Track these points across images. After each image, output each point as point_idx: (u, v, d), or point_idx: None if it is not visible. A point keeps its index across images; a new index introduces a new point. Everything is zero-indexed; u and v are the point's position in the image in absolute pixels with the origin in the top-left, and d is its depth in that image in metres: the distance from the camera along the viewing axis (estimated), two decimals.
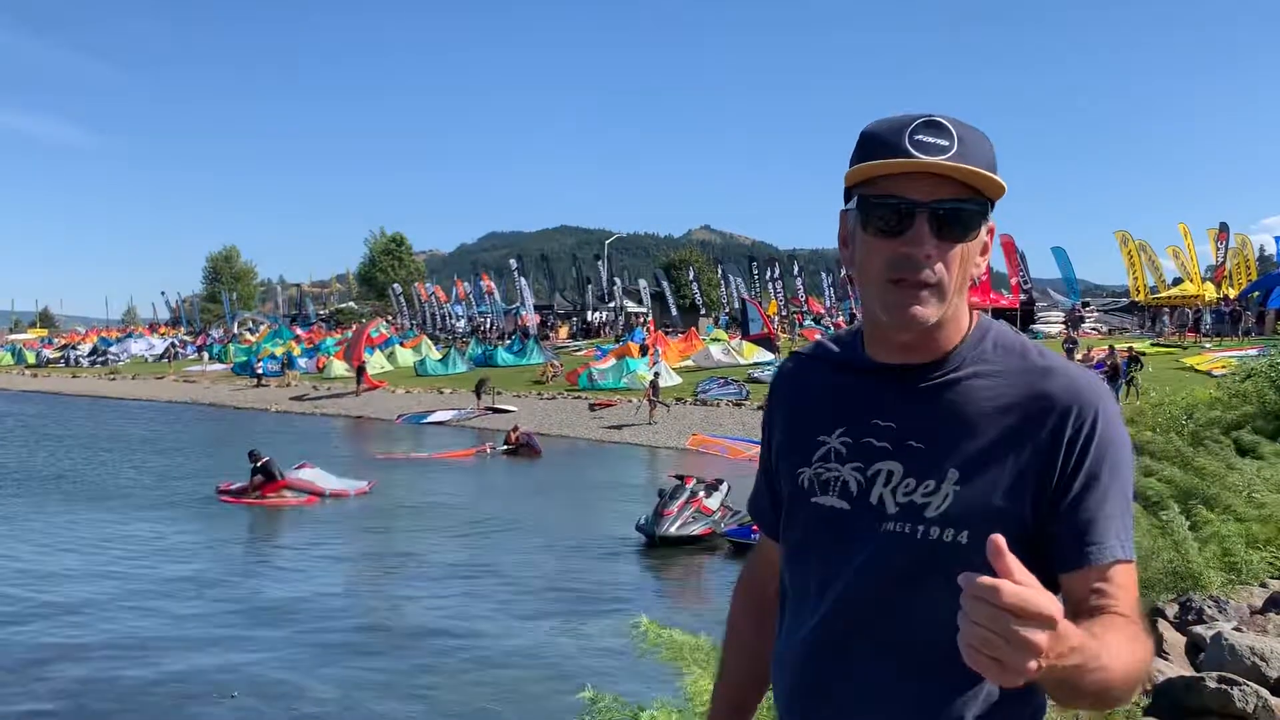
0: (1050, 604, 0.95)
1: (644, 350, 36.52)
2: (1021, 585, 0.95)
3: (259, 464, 17.21)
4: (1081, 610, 1.21)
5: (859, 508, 1.32)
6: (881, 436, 1.32)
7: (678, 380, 32.95)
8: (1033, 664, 0.96)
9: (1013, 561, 0.96)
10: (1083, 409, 1.24)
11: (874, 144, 1.25)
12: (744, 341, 38.05)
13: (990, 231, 1.29)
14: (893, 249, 1.24)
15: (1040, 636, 0.95)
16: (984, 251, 1.30)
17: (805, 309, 51.13)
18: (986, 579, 0.95)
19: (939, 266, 1.23)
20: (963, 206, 1.23)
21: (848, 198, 1.31)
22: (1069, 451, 1.23)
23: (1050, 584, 1.27)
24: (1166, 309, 40.88)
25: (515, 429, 24.93)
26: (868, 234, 1.27)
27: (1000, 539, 0.97)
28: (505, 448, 24.20)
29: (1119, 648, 1.11)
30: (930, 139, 1.21)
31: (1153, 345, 32.59)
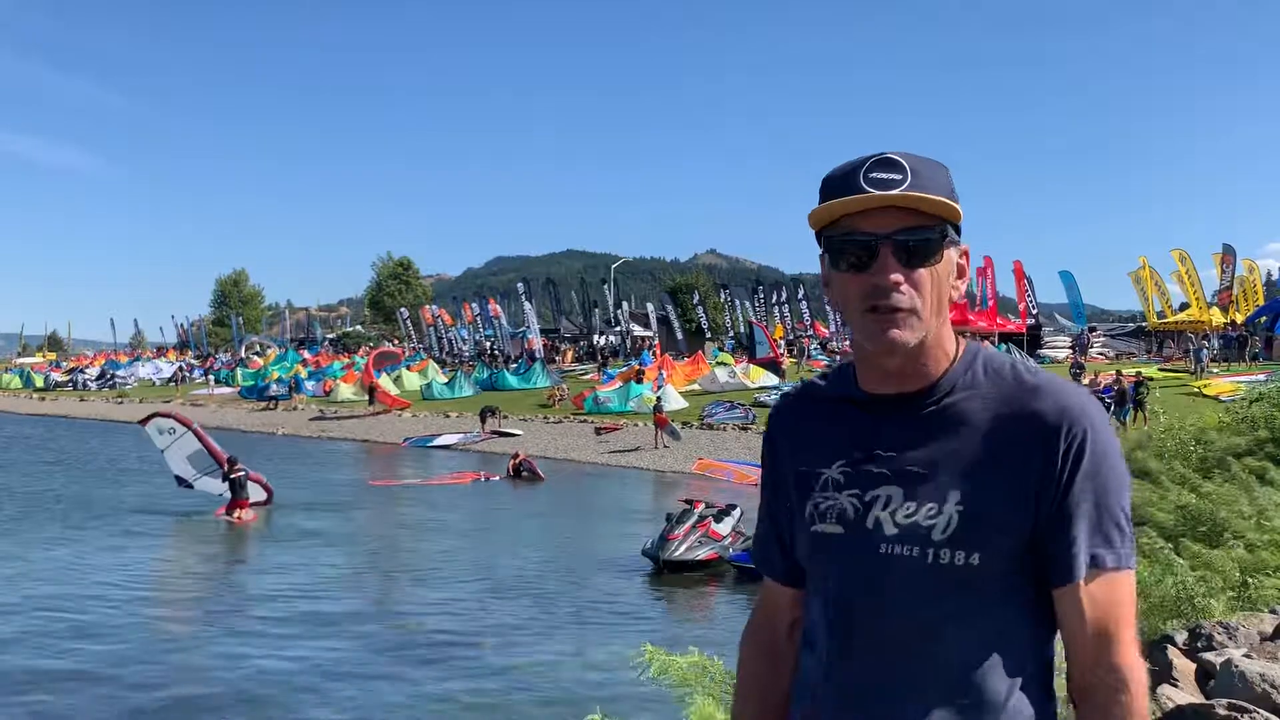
0: None
1: (639, 375, 36.60)
2: None
3: (235, 474, 18.05)
4: (1074, 624, 1.27)
5: (853, 531, 1.35)
6: (881, 464, 1.35)
7: (684, 404, 32.96)
8: None
9: None
10: (1073, 425, 1.28)
11: (832, 187, 1.32)
12: (750, 365, 38.11)
13: (964, 254, 1.36)
14: (863, 282, 1.30)
15: None
16: (960, 274, 1.35)
17: (811, 333, 51.09)
18: None
19: (909, 291, 1.29)
20: (923, 234, 1.29)
21: (819, 241, 1.36)
22: (1062, 467, 1.28)
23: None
24: (1173, 334, 40.77)
25: (517, 454, 24.93)
26: (839, 271, 1.33)
27: None
28: (506, 474, 24.18)
29: None
30: (884, 175, 1.28)
31: (1160, 370, 32.52)
